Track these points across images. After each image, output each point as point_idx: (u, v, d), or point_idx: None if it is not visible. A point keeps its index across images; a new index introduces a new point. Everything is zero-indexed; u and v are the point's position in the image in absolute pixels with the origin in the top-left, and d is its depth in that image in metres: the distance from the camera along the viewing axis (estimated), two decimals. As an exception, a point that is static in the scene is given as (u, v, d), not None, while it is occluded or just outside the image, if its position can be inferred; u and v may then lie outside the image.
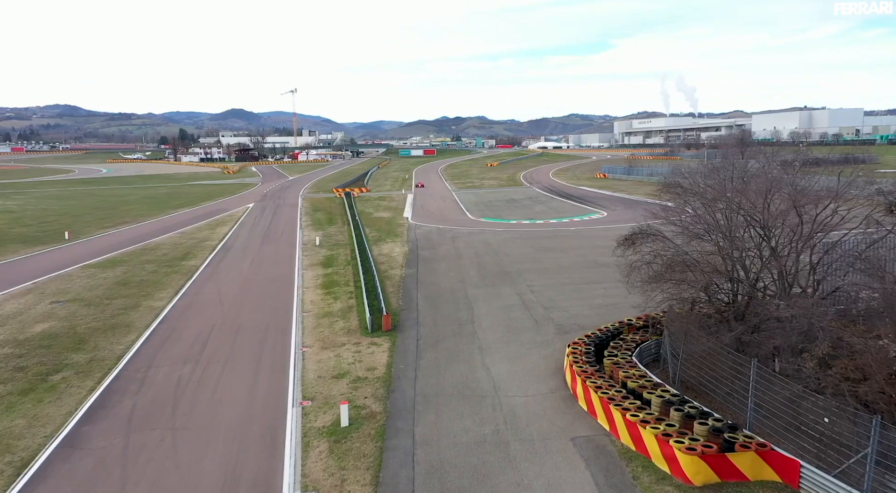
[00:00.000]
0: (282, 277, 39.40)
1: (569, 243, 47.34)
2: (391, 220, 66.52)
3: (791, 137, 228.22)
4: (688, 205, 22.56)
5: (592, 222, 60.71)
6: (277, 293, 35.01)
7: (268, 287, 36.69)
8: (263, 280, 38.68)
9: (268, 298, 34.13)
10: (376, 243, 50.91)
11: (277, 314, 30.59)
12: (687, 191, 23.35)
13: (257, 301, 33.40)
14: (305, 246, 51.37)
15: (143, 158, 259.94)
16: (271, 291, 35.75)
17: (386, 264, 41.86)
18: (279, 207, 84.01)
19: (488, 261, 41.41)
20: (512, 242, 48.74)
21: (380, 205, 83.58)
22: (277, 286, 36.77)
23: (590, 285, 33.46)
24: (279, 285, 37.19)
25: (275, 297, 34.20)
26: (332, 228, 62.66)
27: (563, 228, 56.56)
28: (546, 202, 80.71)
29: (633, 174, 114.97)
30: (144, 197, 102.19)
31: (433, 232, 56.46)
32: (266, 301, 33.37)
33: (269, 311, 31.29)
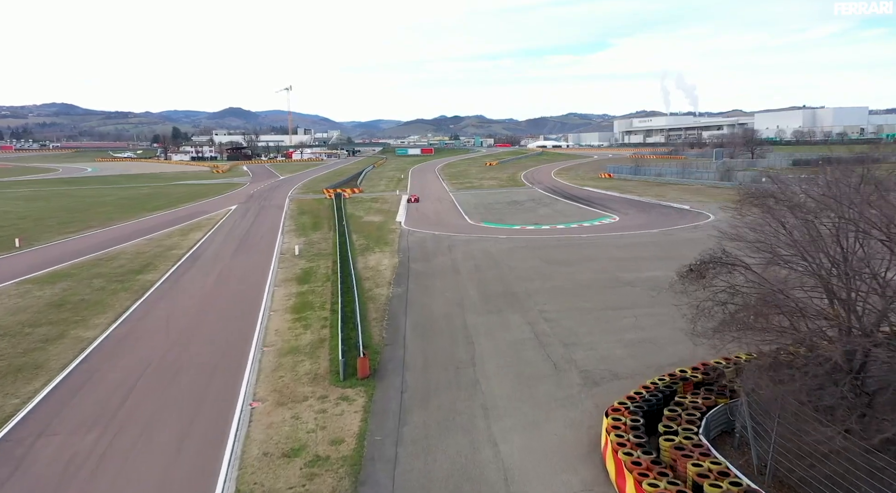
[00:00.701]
0: (249, 296, 33.43)
1: (582, 254, 41.42)
2: (382, 225, 60.54)
3: (794, 137, 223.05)
4: (776, 218, 16.39)
5: (604, 228, 54.80)
6: (238, 318, 29.05)
7: (229, 310, 30.72)
8: (226, 300, 32.71)
9: (225, 325, 28.17)
10: (363, 253, 44.95)
11: (231, 350, 24.62)
12: (780, 201, 17.10)
13: (212, 330, 27.45)
14: (283, 256, 45.42)
15: (133, 156, 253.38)
16: (232, 314, 29.79)
17: (371, 280, 35.90)
18: (263, 210, 78.00)
19: (491, 277, 35.46)
20: (517, 253, 42.81)
21: (371, 207, 77.58)
22: (241, 309, 30.80)
23: (616, 312, 27.50)
24: (243, 306, 31.22)
25: (234, 323, 28.23)
26: (317, 234, 56.67)
27: (573, 236, 50.62)
28: (551, 205, 74.78)
29: (639, 174, 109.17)
30: (122, 198, 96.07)
31: (428, 239, 50.51)
32: (222, 330, 27.41)
33: (222, 344, 25.33)
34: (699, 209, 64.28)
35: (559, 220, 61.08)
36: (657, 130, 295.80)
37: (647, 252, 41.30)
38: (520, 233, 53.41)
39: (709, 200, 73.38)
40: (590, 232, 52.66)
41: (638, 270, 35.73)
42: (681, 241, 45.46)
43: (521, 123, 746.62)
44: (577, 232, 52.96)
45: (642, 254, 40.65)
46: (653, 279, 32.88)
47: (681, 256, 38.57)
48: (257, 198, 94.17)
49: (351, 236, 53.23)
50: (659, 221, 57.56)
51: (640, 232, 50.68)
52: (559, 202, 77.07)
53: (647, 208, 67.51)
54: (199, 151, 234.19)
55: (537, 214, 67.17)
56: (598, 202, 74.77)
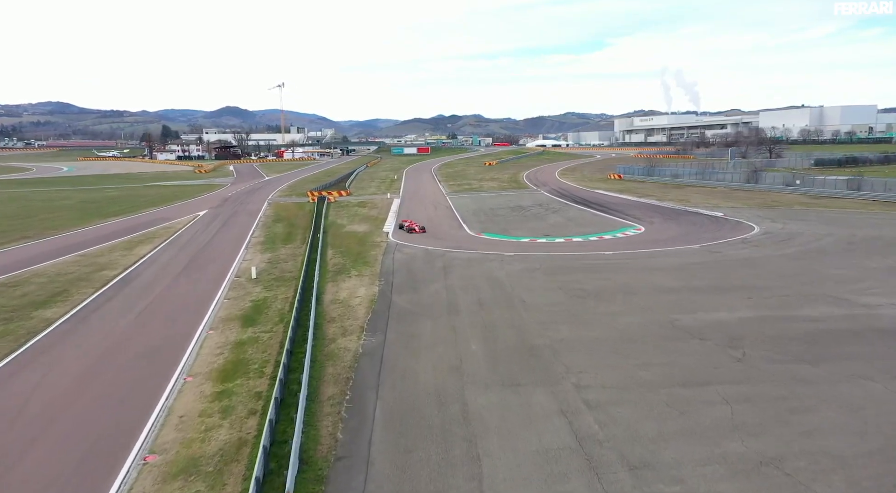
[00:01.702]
0: (167, 348, 24.26)
1: (615, 282, 32.26)
2: (366, 237, 51.33)
3: (801, 136, 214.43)
4: None
5: (631, 242, 45.67)
6: (133, 393, 19.89)
7: (127, 376, 21.54)
8: (131, 356, 23.50)
9: (109, 406, 19.01)
10: (336, 278, 35.76)
11: (90, 463, 15.47)
12: None
13: (83, 417, 18.28)
14: (237, 280, 36.26)
15: (118, 155, 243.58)
16: (128, 385, 20.62)
17: (338, 322, 26.70)
18: (234, 216, 68.75)
19: (500, 319, 26.28)
20: (531, 279, 33.65)
21: (357, 213, 68.36)
22: (146, 373, 21.64)
23: (696, 393, 18.25)
24: (151, 369, 22.05)
25: (121, 406, 19.06)
26: (287, 248, 47.45)
27: (595, 253, 41.44)
28: (561, 211, 65.61)
29: (654, 175, 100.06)
30: (83, 201, 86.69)
31: (418, 257, 41.36)
32: (99, 418, 18.25)
33: (79, 452, 16.15)
34: (736, 217, 55.19)
35: (574, 230, 51.93)
36: (659, 129, 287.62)
37: (700, 279, 32.16)
38: (530, 248, 44.25)
39: (741, 206, 64.35)
40: (614, 247, 43.48)
41: (698, 308, 26.60)
42: (735, 262, 36.33)
43: (520, 122, 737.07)
44: (599, 247, 43.78)
45: (694, 283, 31.49)
46: (724, 326, 23.81)
47: (747, 286, 29.40)
48: (233, 201, 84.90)
49: (325, 253, 44.02)
50: (694, 232, 48.43)
51: (678, 249, 41.55)
52: (570, 208, 67.92)
53: (674, 216, 58.42)
54: (185, 151, 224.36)
55: (547, 222, 58.04)
56: (615, 208, 65.65)
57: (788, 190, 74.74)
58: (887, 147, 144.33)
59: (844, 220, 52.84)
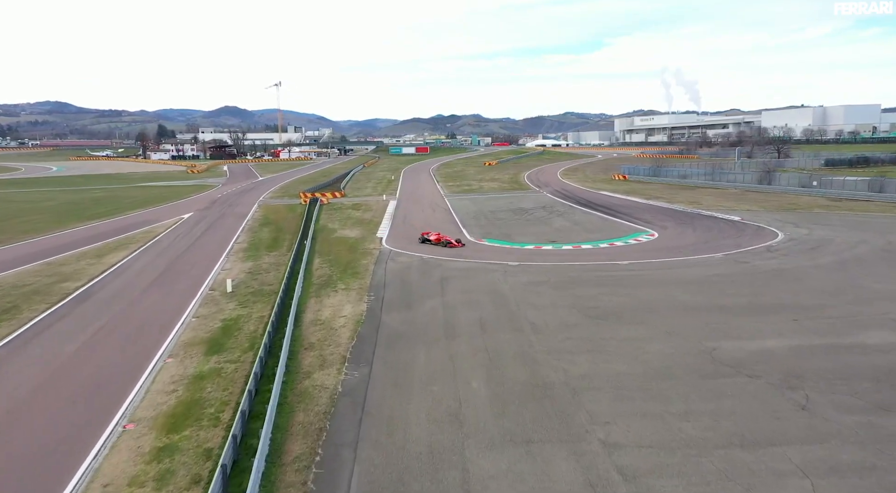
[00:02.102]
0: (110, 383, 20.49)
1: (635, 299, 28.49)
2: (358, 243, 47.55)
3: (804, 135, 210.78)
4: None
5: (646, 250, 41.90)
6: (54, 450, 16.11)
7: (53, 423, 17.76)
8: (66, 395, 19.72)
9: (16, 472, 15.22)
10: (320, 292, 31.98)
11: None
12: None
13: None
14: (211, 294, 32.51)
15: (111, 155, 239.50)
16: (49, 437, 16.84)
17: (317, 350, 22.92)
18: (221, 219, 65.00)
19: (505, 346, 22.51)
20: (538, 294, 29.88)
21: (350, 217, 64.60)
22: (75, 420, 17.88)
23: (759, 456, 14.38)
24: (83, 415, 18.30)
25: (31, 471, 15.27)
26: (271, 255, 43.69)
27: (609, 263, 37.63)
28: (566, 214, 61.84)
29: (660, 176, 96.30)
30: (65, 203, 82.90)
31: (413, 267, 37.59)
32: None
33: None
34: (755, 221, 51.46)
35: (582, 236, 48.17)
36: (660, 129, 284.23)
37: (731, 296, 28.38)
38: (536, 256, 40.48)
39: (757, 209, 60.63)
40: (628, 255, 39.70)
41: (737, 334, 22.84)
42: (766, 275, 32.57)
43: (519, 122, 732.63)
44: (611, 255, 40.00)
45: (725, 300, 27.71)
46: (773, 357, 20.07)
47: (786, 304, 25.64)
48: (222, 203, 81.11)
49: (312, 262, 40.26)
50: (712, 239, 44.67)
51: (699, 258, 37.77)
52: (575, 211, 64.15)
53: (688, 220, 54.67)
54: (179, 150, 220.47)
55: (552, 226, 54.27)
56: (624, 211, 61.90)
57: (805, 192, 71.03)
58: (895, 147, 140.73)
59: (873, 224, 49.11)
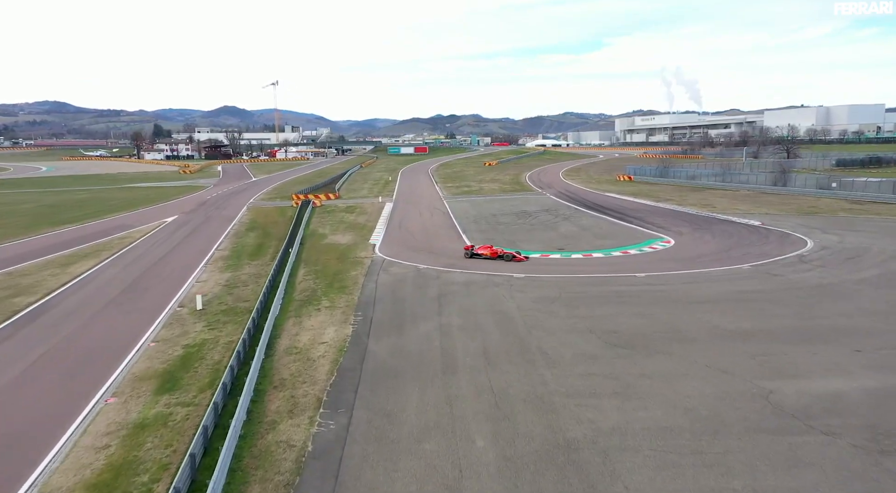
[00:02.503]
0: (31, 433, 16.77)
1: (660, 321, 24.73)
2: (348, 251, 43.79)
3: (808, 135, 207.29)
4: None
5: (664, 259, 38.12)
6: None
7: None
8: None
9: None
10: (301, 310, 28.22)
11: None
12: None
13: None
14: (178, 312, 28.77)
15: (105, 155, 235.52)
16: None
17: (288, 388, 19.16)
18: (206, 223, 61.24)
19: (514, 386, 18.75)
20: (548, 314, 26.12)
21: (343, 221, 60.85)
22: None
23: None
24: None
25: None
26: (253, 265, 39.93)
27: (624, 275, 33.84)
28: (573, 218, 58.07)
29: (667, 177, 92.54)
30: (44, 205, 79.03)
31: (408, 280, 33.83)
32: None
33: None
34: (777, 226, 47.74)
35: (592, 243, 44.42)
36: (661, 129, 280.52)
37: (773, 318, 24.62)
38: (543, 267, 36.72)
39: (775, 212, 56.90)
40: (644, 266, 35.94)
41: (791, 370, 19.08)
42: (808, 292, 28.81)
43: (518, 122, 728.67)
44: (626, 266, 36.24)
45: (768, 323, 23.93)
46: (847, 405, 16.35)
47: (841, 329, 21.86)
48: (210, 205, 77.32)
49: (296, 273, 36.51)
50: (735, 247, 40.94)
51: (725, 270, 34.00)
52: (583, 214, 60.40)
53: (704, 225, 50.92)
54: (174, 150, 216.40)
55: (558, 232, 50.50)
56: (634, 215, 58.17)
57: (823, 194, 67.31)
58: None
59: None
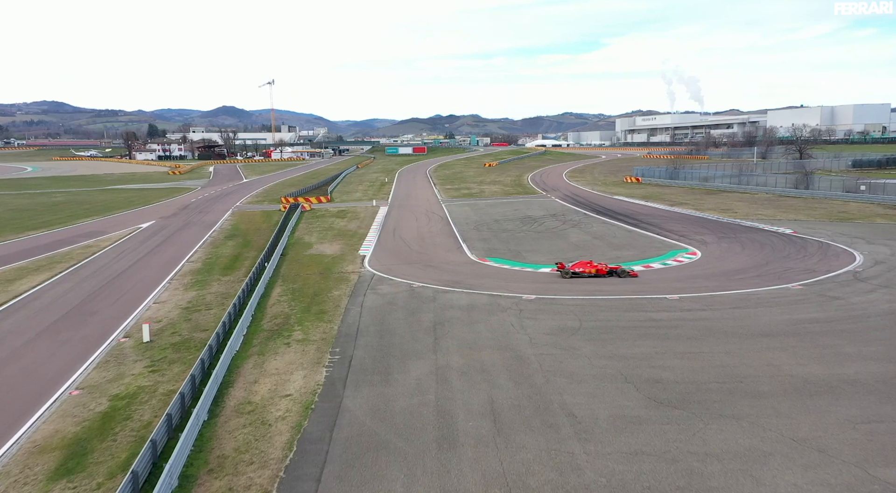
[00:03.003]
0: None
1: (712, 363, 19.79)
2: (334, 264, 38.84)
3: (812, 135, 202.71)
4: None
5: (694, 275, 33.12)
6: None
7: None
8: None
9: None
10: (266, 346, 23.24)
11: None
12: None
13: None
14: (119, 347, 23.86)
15: (97, 155, 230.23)
16: None
17: (229, 471, 14.17)
18: (183, 229, 56.31)
19: (536, 469, 13.81)
20: (570, 354, 21.16)
21: (332, 227, 55.92)
22: None
23: None
24: None
25: None
26: (223, 281, 34.98)
27: (653, 297, 28.82)
28: (583, 224, 53.12)
29: (678, 179, 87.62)
30: (13, 209, 74.00)
31: (399, 302, 28.87)
32: None
33: None
34: (813, 235, 42.81)
35: (608, 254, 39.49)
36: (662, 129, 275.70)
37: (852, 361, 19.61)
38: (556, 285, 31.74)
39: (804, 218, 51.96)
40: (674, 284, 30.93)
41: None
42: (881, 319, 23.82)
43: (517, 122, 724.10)
44: (655, 285, 31.22)
45: (848, 370, 18.91)
46: None
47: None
48: (192, 209, 72.38)
49: (270, 293, 31.52)
50: (772, 260, 35.99)
51: (768, 290, 29.03)
52: (593, 220, 55.46)
53: (729, 233, 45.99)
54: (166, 150, 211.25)
55: (568, 241, 45.58)
56: (649, 221, 53.25)
57: (851, 197, 62.43)
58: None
59: (959, 240, 40.53)
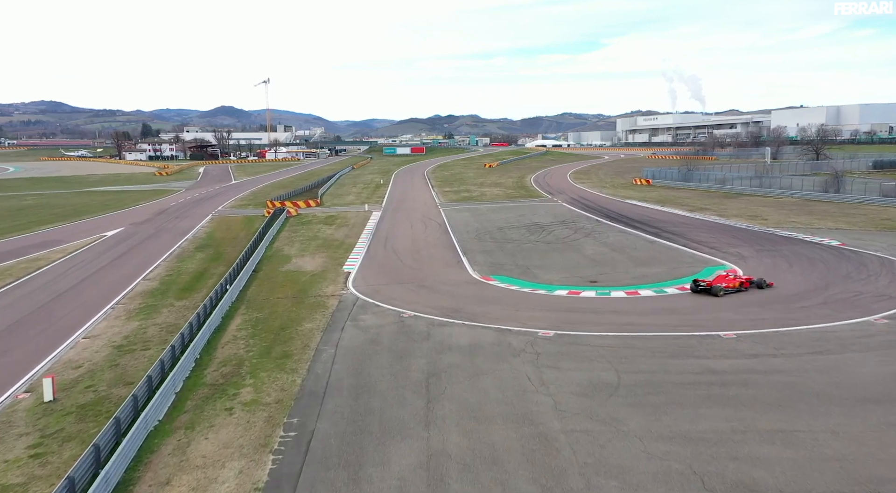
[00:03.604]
0: None
1: (835, 464, 14.13)
2: (312, 284, 33.07)
3: (819, 135, 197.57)
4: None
5: (745, 302, 27.27)
6: None
7: None
8: None
9: None
10: (200, 414, 17.50)
11: None
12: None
13: None
14: (12, 407, 18.10)
15: (87, 155, 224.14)
16: None
17: None
18: (152, 238, 50.60)
19: None
20: (615, 432, 15.49)
21: (318, 236, 50.21)
22: None
23: None
24: None
25: None
26: (175, 307, 29.21)
27: (702, 335, 23.07)
28: (597, 233, 47.35)
29: (692, 181, 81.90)
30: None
31: (383, 342, 23.10)
32: None
33: None
34: (865, 249, 37.06)
35: (633, 272, 33.75)
36: (664, 129, 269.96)
37: None
38: (576, 314, 25.99)
39: (846, 227, 46.12)
40: (729, 317, 25.17)
41: None
42: None
43: (516, 122, 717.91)
44: (703, 317, 25.45)
45: None
46: None
47: None
48: (169, 214, 66.62)
49: (225, 327, 25.75)
50: (832, 281, 30.23)
51: (846, 325, 23.29)
52: (608, 228, 49.71)
53: (769, 246, 40.19)
54: (157, 150, 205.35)
55: (583, 253, 39.86)
56: (671, 229, 47.53)
57: (890, 202, 56.73)
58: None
59: None
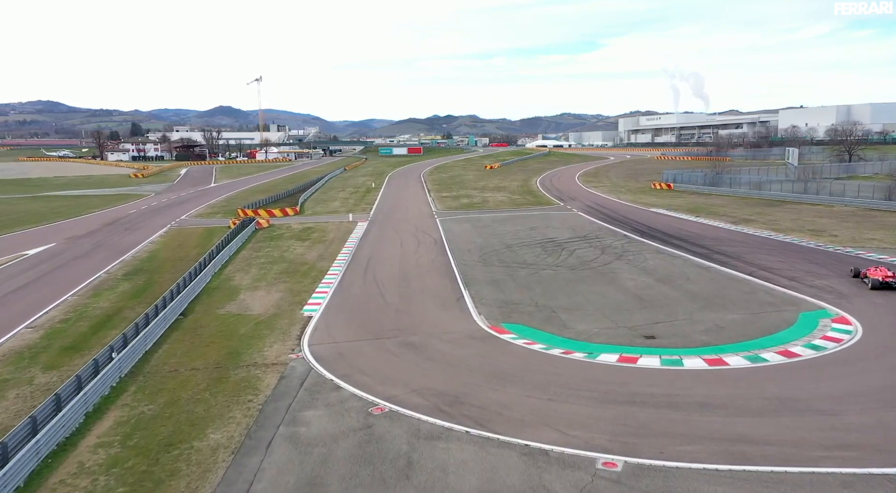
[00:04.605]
0: None
1: None
2: (251, 340, 23.49)
3: (828, 135, 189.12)
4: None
5: (888, 386, 17.98)
6: None
7: None
8: None
9: None
10: None
11: None
12: None
13: None
14: None
15: (69, 155, 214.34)
16: None
17: None
18: (81, 259, 41.21)
19: None
20: None
21: (284, 256, 40.75)
22: None
23: None
24: None
25: None
26: (36, 383, 19.68)
27: (880, 479, 13.71)
28: (630, 254, 37.80)
29: (721, 185, 72.45)
30: None
31: (333, 471, 13.60)
32: None
33: None
34: None
35: (701, 318, 24.29)
36: (667, 129, 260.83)
37: None
38: (644, 417, 16.55)
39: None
40: (881, 422, 15.87)
41: None
42: None
43: (515, 122, 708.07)
44: (843, 420, 16.04)
45: None
46: None
47: None
48: (119, 225, 57.09)
49: (76, 446, 16.27)
50: None
51: None
52: (640, 246, 40.17)
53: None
54: (140, 150, 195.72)
55: (622, 287, 30.34)
56: (721, 249, 38.07)
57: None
58: None
59: None
